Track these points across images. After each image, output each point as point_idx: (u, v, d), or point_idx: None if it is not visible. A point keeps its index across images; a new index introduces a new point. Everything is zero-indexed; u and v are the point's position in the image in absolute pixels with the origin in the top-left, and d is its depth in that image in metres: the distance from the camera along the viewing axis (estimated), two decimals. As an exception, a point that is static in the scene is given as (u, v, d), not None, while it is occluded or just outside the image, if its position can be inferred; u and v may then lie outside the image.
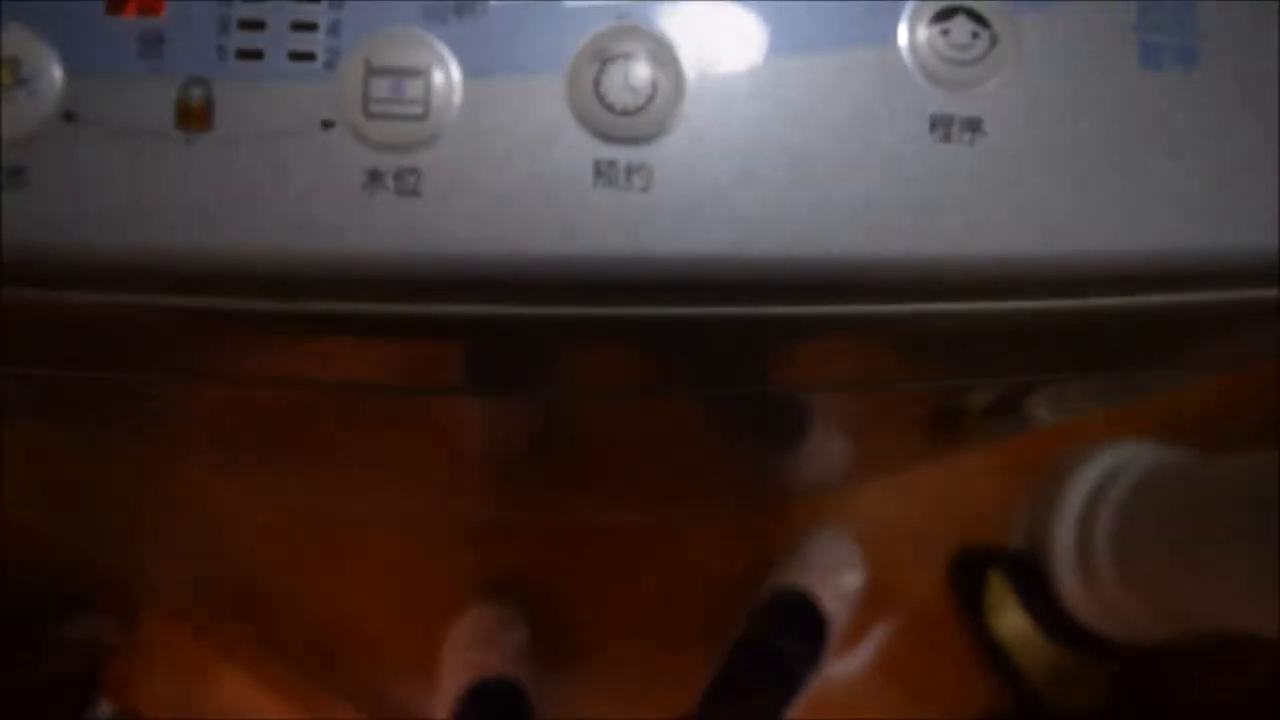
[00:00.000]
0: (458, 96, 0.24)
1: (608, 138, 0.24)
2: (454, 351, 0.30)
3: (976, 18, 0.25)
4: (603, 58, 0.24)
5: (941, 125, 0.25)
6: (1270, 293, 0.27)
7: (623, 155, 0.24)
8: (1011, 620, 0.89)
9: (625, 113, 0.24)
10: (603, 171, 0.24)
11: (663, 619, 0.89)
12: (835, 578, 0.88)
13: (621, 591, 0.89)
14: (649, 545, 0.89)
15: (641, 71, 0.24)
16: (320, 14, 0.24)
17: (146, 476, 0.81)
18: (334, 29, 0.24)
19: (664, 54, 0.24)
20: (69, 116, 0.24)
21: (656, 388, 0.34)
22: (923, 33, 0.25)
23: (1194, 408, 0.85)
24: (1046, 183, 0.25)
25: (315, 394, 0.36)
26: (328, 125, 0.24)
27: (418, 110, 0.24)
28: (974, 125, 0.25)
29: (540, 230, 0.24)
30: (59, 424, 0.59)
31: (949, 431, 0.46)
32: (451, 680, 0.85)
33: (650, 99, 0.24)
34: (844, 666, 0.90)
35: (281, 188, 0.24)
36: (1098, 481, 0.85)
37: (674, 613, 0.89)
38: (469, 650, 0.86)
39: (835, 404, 0.41)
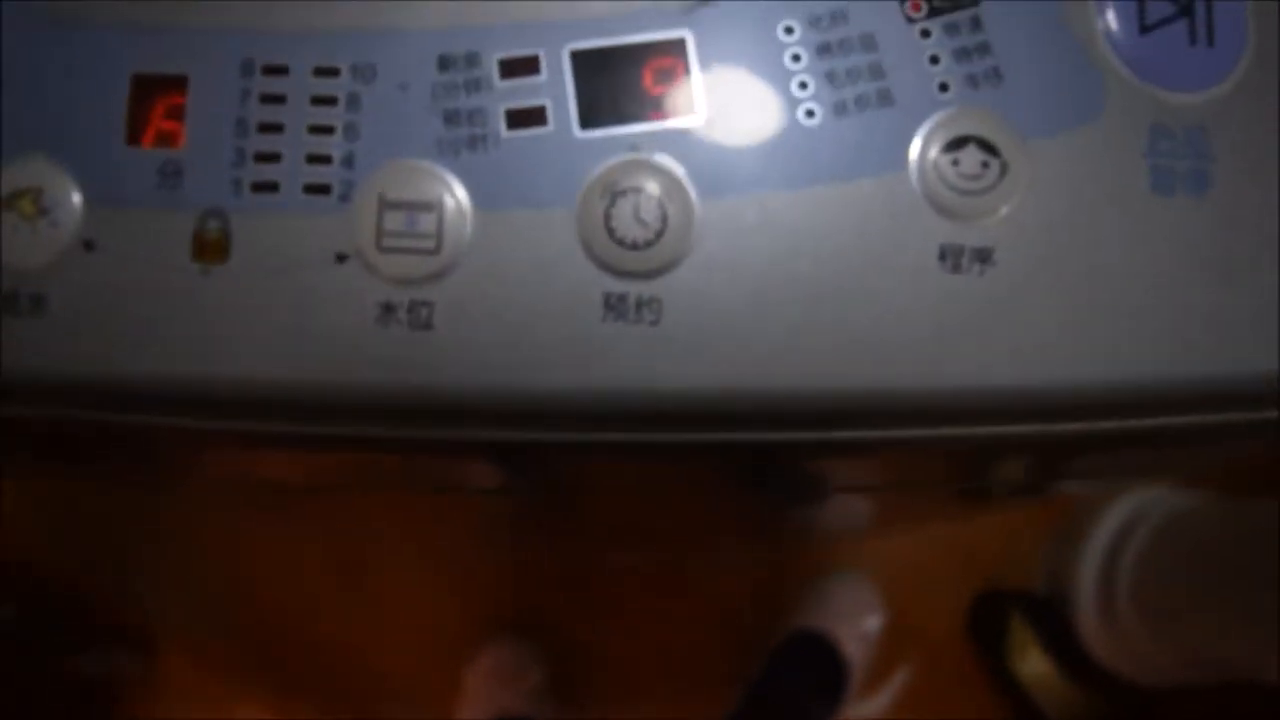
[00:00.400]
0: (470, 230, 0.24)
1: (617, 271, 0.24)
2: (467, 464, 0.30)
3: (987, 146, 0.25)
4: (613, 191, 0.24)
5: (951, 255, 0.25)
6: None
7: (632, 289, 0.24)
8: (1033, 663, 0.88)
9: (635, 247, 0.24)
10: (612, 305, 0.24)
11: (681, 660, 0.89)
12: (855, 620, 0.88)
13: (639, 632, 0.89)
14: (668, 585, 0.89)
15: (652, 205, 0.24)
16: (334, 146, 0.24)
17: (167, 512, 0.82)
18: (348, 161, 0.24)
19: (674, 187, 0.24)
20: (89, 245, 0.25)
21: (672, 494, 0.34)
22: (933, 162, 0.25)
23: (1219, 449, 0.84)
24: (1057, 312, 0.25)
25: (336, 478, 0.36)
26: (342, 258, 0.24)
27: (430, 244, 0.24)
28: (984, 256, 0.25)
29: (551, 364, 0.24)
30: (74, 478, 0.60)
31: (972, 504, 0.46)
32: (467, 718, 0.86)
33: (660, 233, 0.24)
34: (865, 708, 0.89)
35: (296, 321, 0.24)
36: (1122, 525, 0.84)
37: (692, 653, 0.89)
38: (487, 689, 0.86)
39: (858, 498, 0.41)
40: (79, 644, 0.83)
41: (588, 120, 0.24)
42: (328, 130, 0.24)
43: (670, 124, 0.24)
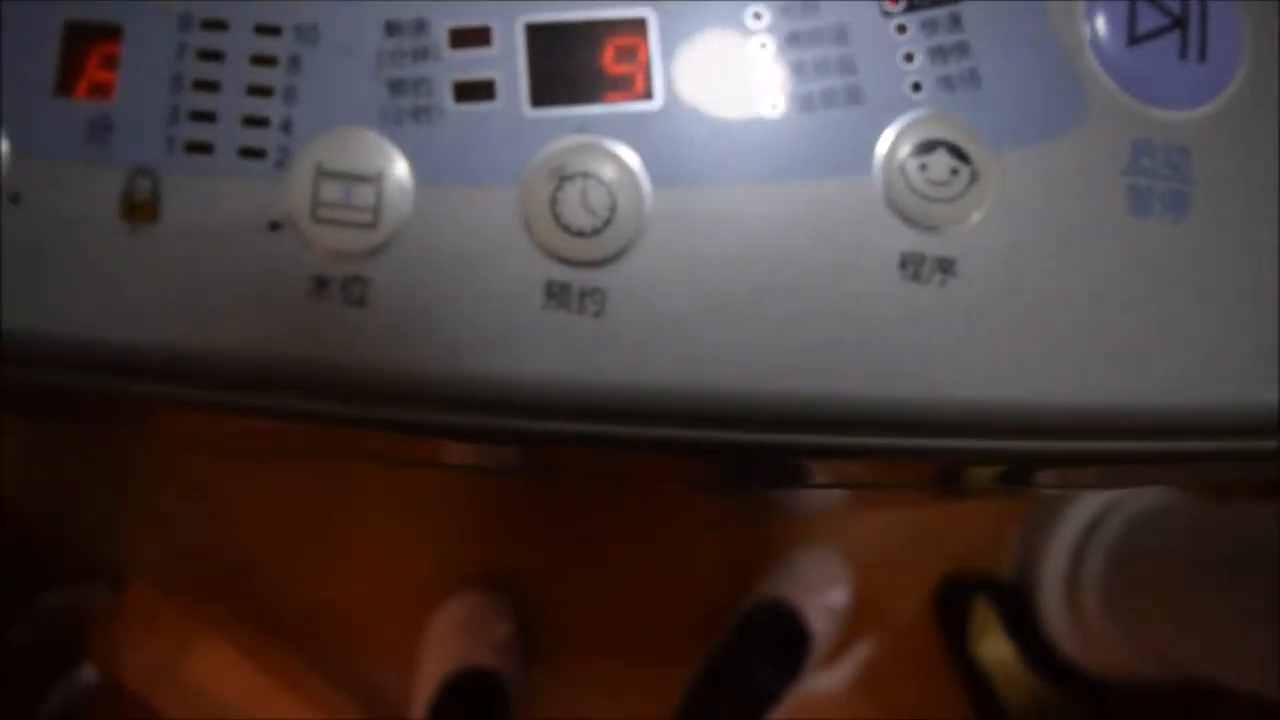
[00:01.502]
0: (409, 205, 0.23)
1: (561, 258, 0.23)
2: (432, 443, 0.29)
3: (957, 152, 0.24)
4: (561, 175, 0.23)
5: (912, 263, 0.24)
6: (1241, 444, 0.26)
7: (576, 277, 0.23)
8: (994, 647, 0.88)
9: (581, 234, 0.23)
10: (554, 293, 0.23)
11: (649, 622, 0.90)
12: (822, 593, 0.88)
13: (609, 591, 0.89)
14: (640, 547, 0.89)
15: (600, 192, 0.23)
16: (273, 109, 0.23)
17: (139, 447, 0.81)
18: (286, 125, 0.23)
19: (625, 175, 0.23)
20: (14, 199, 0.24)
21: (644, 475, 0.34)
22: (900, 166, 0.23)
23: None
24: (1019, 329, 0.24)
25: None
26: (275, 227, 0.23)
27: (367, 218, 0.23)
28: (946, 266, 0.24)
29: (486, 349, 0.23)
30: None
31: (948, 499, 0.46)
32: (432, 664, 0.86)
33: (608, 221, 0.23)
34: (824, 680, 0.90)
35: (225, 288, 0.23)
36: (1092, 515, 0.84)
37: (660, 616, 0.90)
38: (453, 637, 0.87)
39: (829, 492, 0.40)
40: (50, 575, 0.83)
41: (539, 98, 0.23)
42: (266, 92, 0.23)
43: (625, 108, 0.23)
